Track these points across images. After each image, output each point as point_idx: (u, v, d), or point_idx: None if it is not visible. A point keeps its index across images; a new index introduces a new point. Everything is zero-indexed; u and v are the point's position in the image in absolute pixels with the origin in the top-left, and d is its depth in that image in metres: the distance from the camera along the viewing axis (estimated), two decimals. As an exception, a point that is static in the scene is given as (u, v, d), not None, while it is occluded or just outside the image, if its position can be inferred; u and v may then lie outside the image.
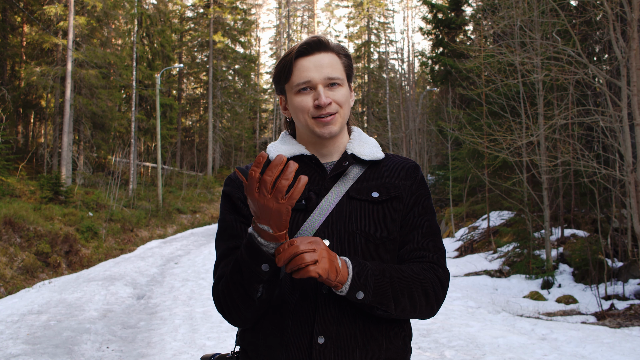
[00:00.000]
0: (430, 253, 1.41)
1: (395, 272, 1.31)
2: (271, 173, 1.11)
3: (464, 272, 12.08)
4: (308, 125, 1.41)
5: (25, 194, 16.05)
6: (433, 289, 1.35)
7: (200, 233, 18.47)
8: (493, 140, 12.15)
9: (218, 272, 1.37)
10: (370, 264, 1.30)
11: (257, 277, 1.24)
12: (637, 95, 7.80)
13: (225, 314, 1.34)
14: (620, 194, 9.89)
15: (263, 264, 1.22)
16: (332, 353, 1.30)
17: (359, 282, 1.25)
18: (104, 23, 22.76)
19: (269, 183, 1.12)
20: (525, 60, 10.66)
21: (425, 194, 1.48)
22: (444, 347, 5.33)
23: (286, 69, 1.41)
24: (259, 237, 1.21)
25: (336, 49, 1.44)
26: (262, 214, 1.17)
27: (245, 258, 1.24)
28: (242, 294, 1.27)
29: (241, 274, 1.25)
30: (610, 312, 7.81)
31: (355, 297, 1.25)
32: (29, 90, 21.53)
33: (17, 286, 9.66)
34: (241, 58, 39.30)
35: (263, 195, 1.13)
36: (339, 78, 1.40)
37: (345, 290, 1.24)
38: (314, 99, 1.39)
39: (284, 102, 1.50)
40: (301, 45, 1.41)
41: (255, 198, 1.14)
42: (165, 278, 9.72)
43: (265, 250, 1.21)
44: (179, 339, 5.62)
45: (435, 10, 22.55)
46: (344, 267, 1.24)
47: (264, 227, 1.18)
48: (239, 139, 40.40)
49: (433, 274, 1.37)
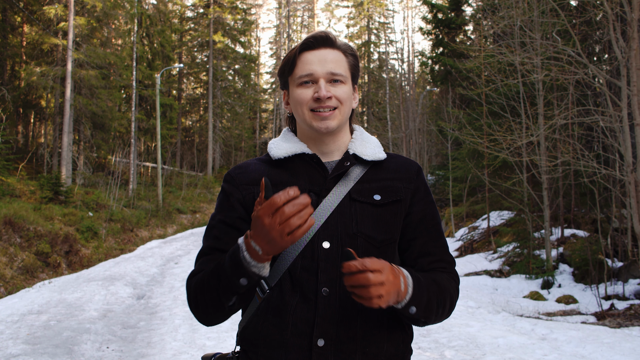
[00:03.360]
0: (449, 264, 1.46)
1: (436, 285, 1.35)
2: (292, 209, 1.12)
3: (464, 272, 12.08)
4: (306, 118, 1.40)
5: (25, 194, 16.05)
6: (454, 297, 1.42)
7: (200, 233, 18.45)
8: (493, 140, 12.15)
9: (195, 266, 1.39)
10: (422, 278, 1.32)
11: (233, 289, 1.26)
12: (637, 95, 7.80)
13: (194, 311, 1.36)
14: (620, 194, 9.89)
15: (242, 278, 1.23)
16: (332, 355, 1.30)
17: (415, 300, 1.27)
18: (104, 23, 22.75)
19: (285, 217, 1.12)
20: (525, 60, 10.66)
21: (430, 200, 1.48)
22: (444, 347, 5.32)
23: (290, 62, 1.41)
24: (245, 252, 1.21)
25: (343, 47, 1.43)
26: (261, 237, 1.17)
27: (227, 268, 1.25)
28: (214, 298, 1.29)
29: (218, 280, 1.27)
30: (610, 312, 7.80)
31: (408, 311, 1.28)
32: (29, 90, 21.53)
33: (17, 286, 9.66)
34: (241, 58, 39.29)
35: (273, 223, 1.13)
36: (342, 75, 1.39)
37: (400, 306, 1.27)
38: (314, 91, 1.37)
39: (286, 97, 1.49)
40: (307, 38, 1.40)
41: (264, 222, 1.14)
42: (165, 278, 9.71)
43: (247, 266, 1.22)
44: (179, 339, 5.62)
45: (435, 10, 22.54)
46: (405, 287, 1.25)
47: (256, 247, 1.19)
48: (239, 139, 40.39)
49: (455, 283, 1.44)
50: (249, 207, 1.40)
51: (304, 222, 1.12)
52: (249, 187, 1.42)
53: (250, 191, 1.41)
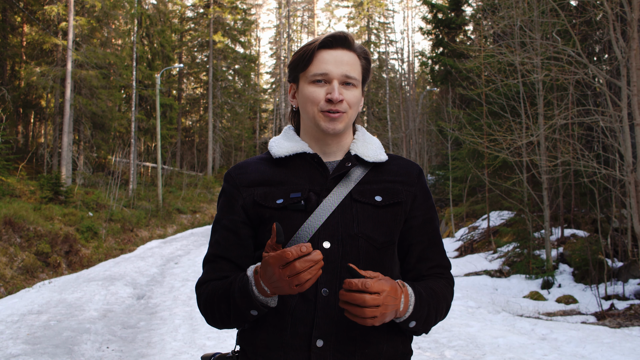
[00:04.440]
0: (446, 269, 1.48)
1: (436, 298, 1.37)
2: (304, 265, 1.14)
3: (464, 272, 12.07)
4: (315, 117, 1.39)
5: (25, 194, 16.05)
6: (449, 302, 1.44)
7: (200, 233, 18.46)
8: (493, 140, 12.15)
9: (202, 275, 1.43)
10: (424, 293, 1.33)
11: (244, 318, 1.31)
12: (637, 95, 7.80)
13: (205, 319, 1.41)
14: (620, 194, 9.89)
15: (252, 310, 1.28)
16: (331, 356, 1.30)
17: (415, 316, 1.30)
18: (104, 23, 22.74)
19: (295, 271, 1.15)
20: (525, 60, 10.66)
21: (431, 205, 1.49)
22: (444, 347, 5.32)
23: (306, 57, 1.39)
24: (254, 287, 1.25)
25: (358, 50, 1.43)
26: (270, 282, 1.20)
27: (237, 298, 1.28)
28: (224, 319, 1.35)
29: (228, 307, 1.31)
30: (610, 312, 7.80)
31: (407, 325, 1.31)
32: (29, 90, 21.53)
33: (17, 286, 9.66)
34: (241, 58, 39.28)
35: (282, 275, 1.16)
36: (355, 79, 1.39)
37: (399, 321, 1.29)
38: (327, 92, 1.37)
39: (293, 90, 1.48)
40: (326, 37, 1.39)
41: (274, 272, 1.17)
42: (165, 278, 9.71)
43: (256, 299, 1.26)
44: (179, 339, 5.62)
45: (435, 10, 22.54)
46: (405, 306, 1.26)
47: (265, 287, 1.23)
48: (239, 139, 40.38)
49: (451, 288, 1.46)
50: (250, 210, 1.40)
51: (313, 276, 1.16)
52: (250, 189, 1.42)
53: (251, 193, 1.41)
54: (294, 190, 1.38)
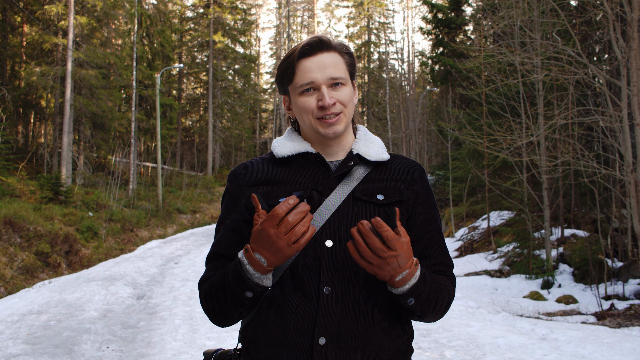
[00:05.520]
0: (448, 268, 1.48)
1: (437, 284, 1.37)
2: (296, 217, 1.16)
3: (464, 272, 12.08)
4: (312, 125, 1.40)
5: (25, 194, 16.05)
6: (451, 298, 1.44)
7: (200, 233, 18.46)
8: (493, 140, 12.15)
9: (204, 273, 1.44)
10: (427, 275, 1.33)
11: (240, 301, 1.30)
12: (637, 95, 7.80)
13: (207, 315, 1.42)
14: (620, 194, 9.89)
15: (247, 291, 1.27)
16: (333, 354, 1.30)
17: (415, 292, 1.29)
18: (104, 23, 22.75)
19: (290, 225, 1.16)
20: (525, 60, 10.66)
21: (433, 203, 1.49)
22: (444, 347, 5.33)
23: (289, 71, 1.40)
24: (248, 265, 1.25)
25: (338, 47, 1.43)
26: (267, 248, 1.20)
27: (231, 282, 1.28)
28: (224, 309, 1.34)
29: (225, 294, 1.31)
30: (610, 312, 7.81)
31: (406, 302, 1.30)
32: (29, 90, 21.52)
33: (17, 286, 9.66)
34: (241, 58, 39.29)
35: (279, 233, 1.17)
36: (342, 77, 1.39)
37: (400, 292, 1.28)
38: (318, 99, 1.38)
39: (287, 102, 1.49)
40: (303, 46, 1.39)
41: (269, 233, 1.18)
42: (165, 278, 9.71)
43: (250, 279, 1.25)
44: (179, 339, 5.62)
45: (435, 10, 22.54)
46: (409, 274, 1.26)
47: (261, 259, 1.22)
48: (239, 139, 40.38)
49: (453, 287, 1.47)
50: (253, 210, 1.41)
51: (307, 229, 1.17)
52: (253, 189, 1.43)
53: (254, 193, 1.41)
54: (297, 189, 1.39)
